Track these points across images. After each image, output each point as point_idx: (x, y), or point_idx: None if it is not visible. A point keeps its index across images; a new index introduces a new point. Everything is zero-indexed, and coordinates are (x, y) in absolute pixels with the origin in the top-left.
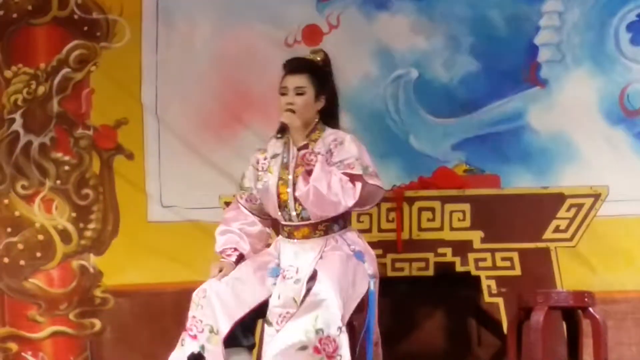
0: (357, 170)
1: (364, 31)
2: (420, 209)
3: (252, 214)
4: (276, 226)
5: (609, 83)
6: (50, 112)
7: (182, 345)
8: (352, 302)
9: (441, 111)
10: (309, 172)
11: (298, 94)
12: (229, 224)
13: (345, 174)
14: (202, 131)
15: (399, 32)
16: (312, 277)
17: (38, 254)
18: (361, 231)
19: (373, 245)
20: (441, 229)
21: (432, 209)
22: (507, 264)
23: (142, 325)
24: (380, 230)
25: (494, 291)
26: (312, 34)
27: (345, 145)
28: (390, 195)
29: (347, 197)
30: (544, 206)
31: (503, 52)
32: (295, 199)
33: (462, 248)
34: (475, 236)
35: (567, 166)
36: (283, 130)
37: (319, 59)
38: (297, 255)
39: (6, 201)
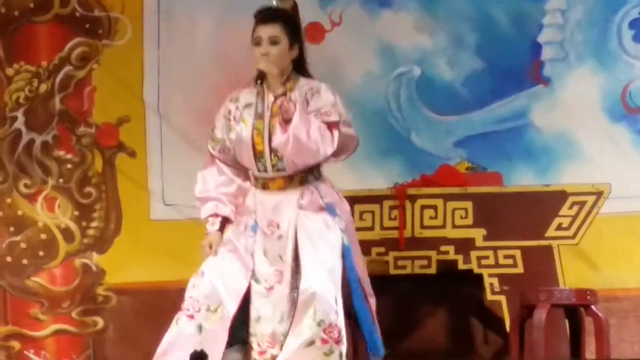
0: (334, 117)
1: (367, 29)
2: (423, 207)
3: (227, 164)
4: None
5: (611, 80)
6: (53, 110)
7: (177, 323)
8: (338, 275)
9: (444, 109)
10: (286, 121)
11: (272, 43)
12: (207, 187)
13: (323, 122)
14: (205, 128)
15: (402, 30)
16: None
17: (41, 253)
18: (363, 229)
19: (375, 243)
20: (443, 226)
21: (435, 207)
22: (510, 261)
23: (145, 324)
24: (382, 228)
25: (497, 289)
26: (314, 31)
27: (322, 94)
28: (393, 192)
29: (326, 145)
30: (546, 204)
31: (506, 50)
32: (271, 150)
33: (464, 246)
34: (478, 234)
35: (569, 164)
36: (258, 79)
37: (288, 7)
38: (275, 210)
39: (9, 200)
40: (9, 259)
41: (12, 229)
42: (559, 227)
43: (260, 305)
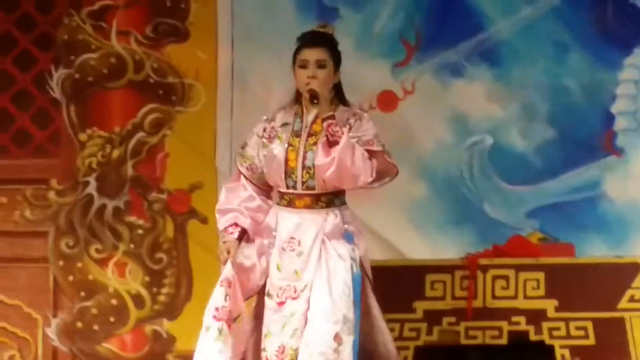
0: (377, 147)
1: (439, 97)
2: (495, 277)
3: (252, 182)
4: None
5: None
6: (125, 175)
7: (208, 331)
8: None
9: (516, 178)
10: (330, 143)
11: (320, 67)
12: (229, 200)
13: (366, 150)
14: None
15: (474, 99)
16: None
17: (111, 319)
18: (434, 298)
19: (446, 312)
20: (515, 297)
21: (506, 277)
22: (582, 333)
23: None
24: (454, 297)
25: None
26: (387, 99)
27: (364, 122)
28: (464, 262)
29: (367, 173)
30: (619, 275)
31: (579, 120)
32: (304, 166)
33: (536, 317)
34: (550, 305)
35: None
36: (314, 99)
37: (330, 32)
38: (298, 227)
39: (80, 265)
40: (79, 324)
41: (83, 294)
42: (632, 299)
43: (269, 321)
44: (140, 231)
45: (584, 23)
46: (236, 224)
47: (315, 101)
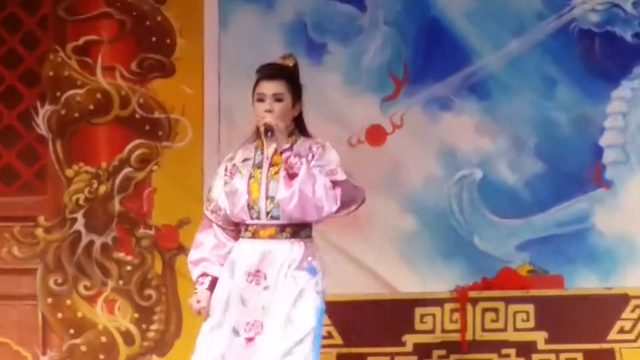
0: (341, 176)
1: (428, 131)
2: (484, 310)
3: (219, 226)
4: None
5: None
6: (112, 211)
7: None
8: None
9: (506, 212)
10: (290, 176)
11: (277, 100)
12: (199, 251)
13: (330, 180)
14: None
15: (462, 133)
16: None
17: (101, 356)
18: (424, 332)
19: (436, 346)
20: (505, 329)
21: (496, 310)
22: None
23: None
24: (443, 330)
25: None
26: (375, 133)
27: (327, 150)
28: (454, 295)
29: (330, 202)
30: (609, 307)
31: (567, 153)
32: (267, 196)
33: (526, 349)
34: (540, 337)
35: (631, 267)
36: (267, 132)
37: (291, 65)
38: (263, 259)
39: (68, 302)
40: None
41: (72, 331)
42: (621, 331)
43: (240, 357)
44: (128, 267)
45: (572, 56)
46: (206, 274)
47: (270, 134)
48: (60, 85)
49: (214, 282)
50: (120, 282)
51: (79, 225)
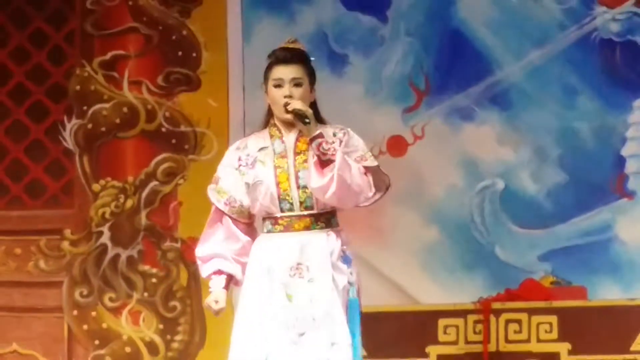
0: (371, 162)
1: (449, 142)
2: (507, 321)
3: (232, 218)
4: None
5: None
6: (138, 225)
7: None
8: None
9: (527, 222)
10: (322, 163)
11: (296, 85)
12: (210, 245)
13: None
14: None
15: (484, 143)
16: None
17: None
18: (447, 343)
19: (459, 357)
20: (528, 341)
21: (519, 321)
22: None
23: None
24: (467, 342)
25: None
26: (397, 144)
27: (352, 136)
28: (477, 307)
29: (366, 188)
30: (632, 318)
31: (590, 164)
32: (298, 186)
33: None
34: (563, 348)
35: None
36: (304, 119)
37: (302, 48)
38: (302, 251)
39: (94, 313)
40: None
41: (97, 342)
42: None
43: (289, 354)
44: (154, 280)
45: (593, 66)
46: (220, 271)
47: (307, 121)
48: (87, 99)
49: (229, 280)
50: (146, 294)
51: (105, 239)
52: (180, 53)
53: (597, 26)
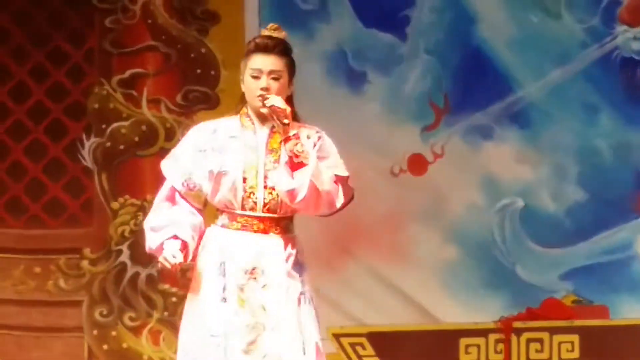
0: (343, 172)
1: (469, 160)
2: (529, 340)
3: (187, 201)
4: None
5: None
6: None
7: None
8: None
9: (548, 241)
10: (294, 166)
11: (274, 79)
12: (165, 214)
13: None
14: (311, 262)
15: (504, 162)
16: None
17: None
18: None
19: None
20: None
21: (541, 340)
22: None
23: None
24: None
25: None
26: (417, 163)
27: (326, 142)
28: (498, 326)
29: (337, 197)
30: None
31: (609, 181)
32: (266, 186)
33: None
34: None
35: None
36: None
37: (284, 37)
38: (258, 255)
39: (114, 333)
40: None
41: None
42: None
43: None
44: (174, 299)
45: (613, 84)
46: (176, 236)
47: (286, 121)
48: (106, 117)
49: (186, 249)
50: (166, 313)
51: (125, 257)
52: (198, 71)
53: (618, 45)
